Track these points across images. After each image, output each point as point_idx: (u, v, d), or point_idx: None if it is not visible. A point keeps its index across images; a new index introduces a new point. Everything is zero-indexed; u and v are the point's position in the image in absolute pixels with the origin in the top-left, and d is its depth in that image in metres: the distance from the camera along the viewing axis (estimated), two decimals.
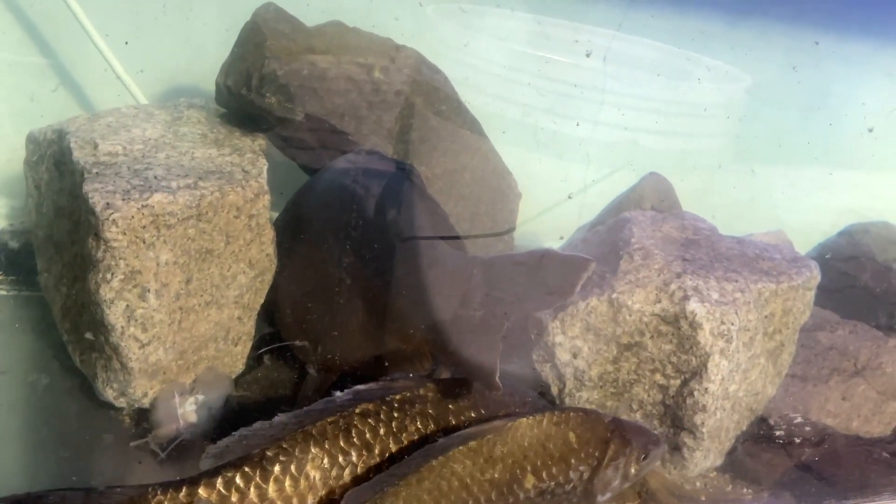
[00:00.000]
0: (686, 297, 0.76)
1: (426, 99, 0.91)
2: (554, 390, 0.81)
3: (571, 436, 0.71)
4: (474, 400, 0.74)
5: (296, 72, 0.88)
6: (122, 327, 0.77)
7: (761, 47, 1.11)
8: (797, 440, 0.86)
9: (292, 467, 0.67)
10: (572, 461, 0.71)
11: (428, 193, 0.79)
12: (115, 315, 0.77)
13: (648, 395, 0.80)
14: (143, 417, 0.83)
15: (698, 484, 0.82)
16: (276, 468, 0.67)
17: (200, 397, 0.83)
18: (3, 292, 0.99)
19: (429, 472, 0.66)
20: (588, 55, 1.07)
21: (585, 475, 0.71)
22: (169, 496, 0.64)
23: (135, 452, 0.78)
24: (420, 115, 0.91)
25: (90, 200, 0.74)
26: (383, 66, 0.90)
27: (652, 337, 0.77)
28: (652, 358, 0.78)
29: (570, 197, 0.97)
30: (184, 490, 0.64)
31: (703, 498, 0.81)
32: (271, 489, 0.66)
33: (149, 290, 0.77)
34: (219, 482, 0.65)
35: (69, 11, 1.03)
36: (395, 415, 0.71)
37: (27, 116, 1.06)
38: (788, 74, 1.10)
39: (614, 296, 0.77)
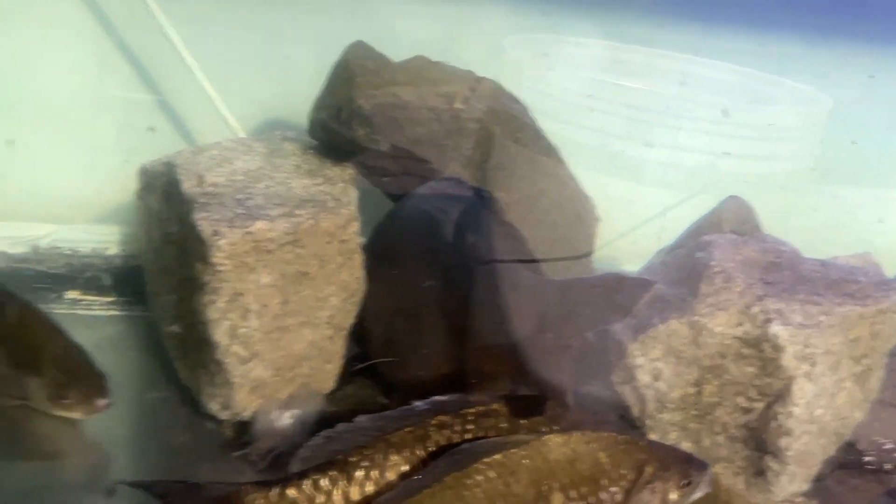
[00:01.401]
0: (768, 320, 0.76)
1: (505, 127, 0.95)
2: (635, 412, 0.82)
3: (602, 455, 0.71)
4: (548, 417, 0.77)
5: (381, 105, 0.94)
6: (227, 345, 0.83)
7: (842, 68, 1.10)
8: (887, 466, 0.84)
9: (374, 472, 0.72)
10: (603, 482, 0.71)
11: (506, 218, 0.82)
12: (220, 333, 0.83)
13: (731, 418, 0.80)
14: (243, 429, 0.88)
15: None
16: (359, 473, 0.72)
17: (296, 412, 0.88)
18: (115, 312, 1.07)
19: (453, 482, 0.68)
20: (666, 80, 1.09)
21: (618, 497, 0.72)
22: (261, 494, 0.69)
23: (236, 461, 0.84)
24: (498, 143, 0.95)
25: (198, 228, 0.81)
26: (464, 97, 0.94)
27: (734, 360, 0.78)
28: (734, 381, 0.78)
29: (650, 220, 0.98)
30: (274, 490, 0.70)
31: None
32: (354, 492, 0.71)
33: (250, 311, 0.84)
34: (306, 484, 0.71)
35: (175, 50, 1.12)
36: (470, 427, 0.75)
37: (136, 151, 1.16)
38: (870, 94, 1.08)
39: (695, 318, 0.78)
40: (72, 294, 1.06)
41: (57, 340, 0.84)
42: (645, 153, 1.04)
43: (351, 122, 0.94)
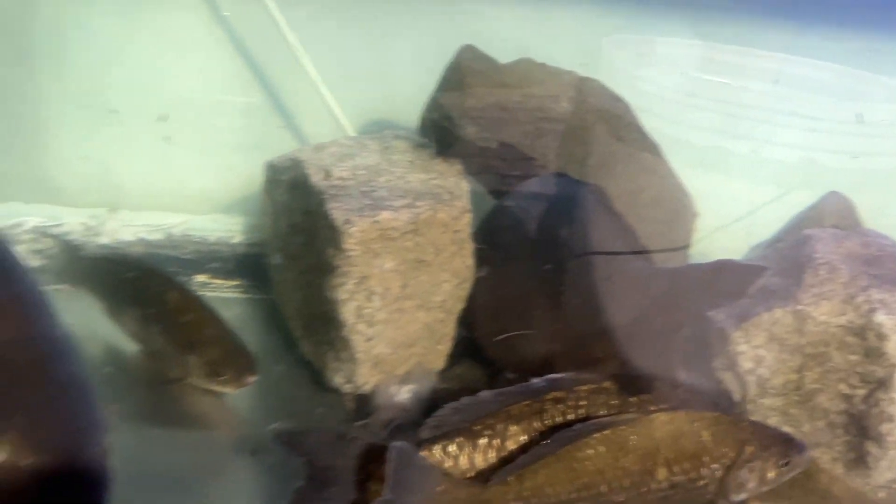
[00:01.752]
0: (872, 310, 0.79)
1: (608, 125, 1.00)
2: (736, 397, 0.86)
3: (705, 434, 0.76)
4: (656, 396, 0.82)
5: (490, 105, 1.00)
6: (353, 323, 0.91)
7: None
8: None
9: (495, 441, 0.79)
10: (705, 459, 0.76)
11: (615, 210, 0.87)
12: (347, 313, 0.91)
13: (832, 404, 0.83)
14: (362, 402, 0.97)
15: (881, 494, 0.84)
16: (483, 441, 0.79)
17: (411, 387, 0.96)
18: (239, 295, 1.17)
19: (566, 455, 0.75)
20: (761, 78, 1.12)
21: (718, 474, 0.76)
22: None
23: (359, 429, 0.92)
24: (601, 141, 1.00)
25: (332, 216, 0.89)
26: (569, 97, 1.00)
27: (837, 348, 0.81)
28: (837, 368, 0.82)
29: (748, 215, 1.01)
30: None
31: None
32: (478, 458, 0.78)
33: (375, 293, 0.91)
34: (436, 448, 0.79)
35: (294, 56, 1.20)
36: (582, 403, 0.81)
37: (256, 148, 1.26)
38: None
39: (799, 308, 0.82)
40: (201, 278, 1.17)
41: (213, 323, 0.93)
42: (741, 150, 1.07)
43: (462, 122, 1.01)
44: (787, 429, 0.85)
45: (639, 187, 1.02)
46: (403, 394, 0.94)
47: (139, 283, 0.94)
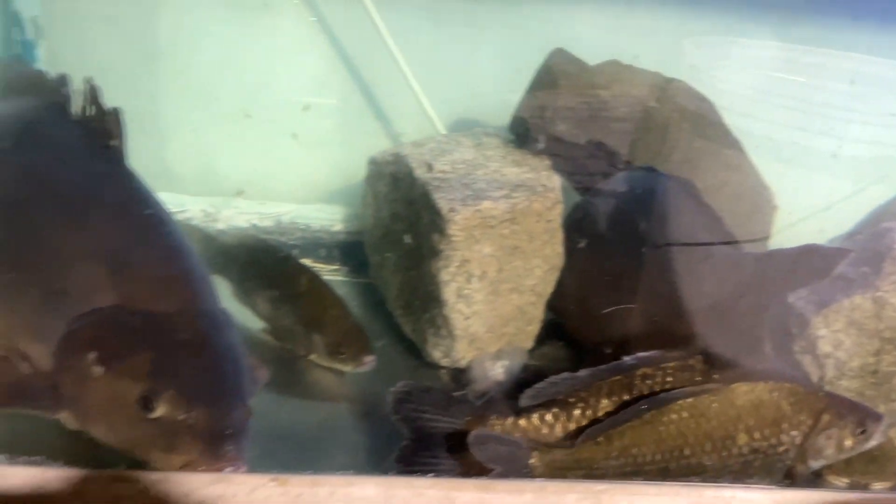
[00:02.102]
0: None
1: (692, 124, 1.06)
2: (814, 378, 0.92)
3: (784, 404, 0.82)
4: (741, 373, 0.88)
5: (580, 104, 1.08)
6: (453, 303, 1.00)
7: None
8: None
9: (588, 412, 0.86)
10: (783, 426, 0.82)
11: (703, 201, 0.94)
12: (449, 293, 1.00)
13: None
14: (458, 375, 1.05)
15: None
16: (577, 412, 0.86)
17: (505, 363, 1.04)
18: (340, 278, 1.27)
19: (651, 418, 0.82)
20: (837, 78, 1.16)
21: (797, 440, 0.82)
22: (499, 420, 0.86)
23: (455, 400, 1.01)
24: (686, 138, 1.06)
25: (437, 205, 0.98)
26: (655, 97, 1.07)
27: None
28: None
29: (826, 209, 1.06)
30: (510, 419, 0.86)
31: None
32: (571, 426, 0.86)
33: (473, 276, 1.00)
34: (534, 417, 0.86)
35: (392, 58, 1.30)
36: (669, 379, 0.88)
37: (354, 145, 1.36)
38: None
39: (878, 294, 0.87)
40: (305, 262, 1.27)
41: (337, 306, 1.02)
42: (820, 146, 1.12)
43: (553, 120, 1.08)
44: None
45: (721, 182, 1.08)
46: (496, 369, 1.02)
47: (273, 267, 1.05)
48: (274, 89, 1.35)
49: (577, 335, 1.07)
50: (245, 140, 1.32)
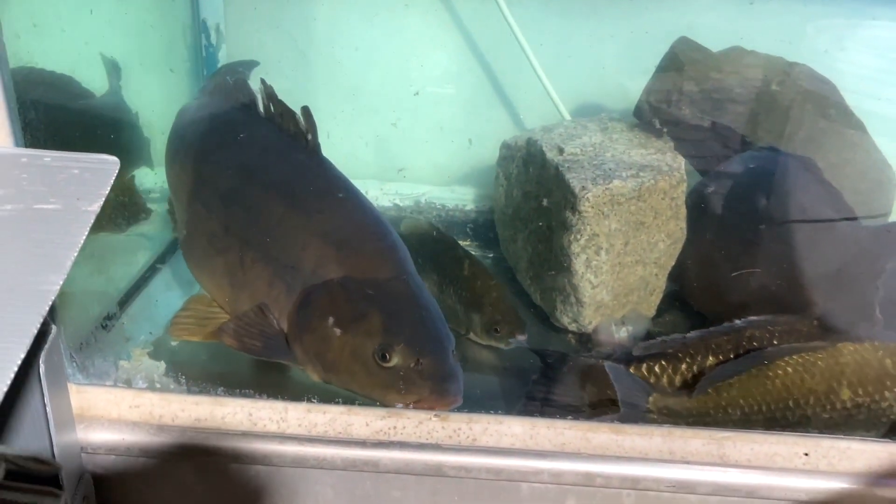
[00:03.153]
0: None
1: (815, 105, 1.11)
2: None
3: (888, 362, 0.87)
4: (847, 336, 0.93)
5: (707, 89, 1.15)
6: (582, 273, 1.10)
7: None
8: None
9: (694, 367, 0.95)
10: (887, 383, 0.87)
11: (823, 178, 0.99)
12: (579, 264, 1.10)
13: None
14: (583, 339, 1.16)
15: None
16: (683, 365, 0.95)
17: (629, 328, 1.13)
18: (473, 252, 1.40)
19: (758, 372, 0.88)
20: None
21: None
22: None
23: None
24: (809, 119, 1.11)
25: (570, 184, 1.09)
26: (779, 80, 1.12)
27: None
28: None
29: None
30: (620, 366, 0.95)
31: None
32: (677, 379, 0.95)
33: (601, 248, 1.10)
34: (644, 366, 0.96)
35: (520, 47, 1.40)
36: (775, 341, 0.94)
37: (484, 130, 1.48)
38: None
39: None
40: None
41: (494, 288, 1.12)
42: None
43: (680, 104, 1.16)
44: None
45: (844, 161, 1.12)
46: (620, 333, 1.12)
47: (440, 253, 1.17)
48: (410, 79, 1.49)
49: (697, 304, 1.14)
50: (385, 127, 1.47)
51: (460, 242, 1.41)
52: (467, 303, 1.12)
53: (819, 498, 0.82)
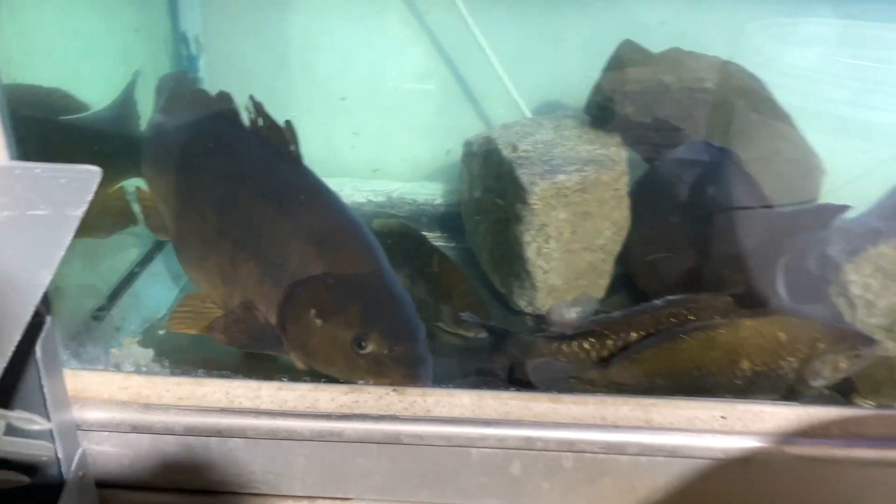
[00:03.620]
0: None
1: (746, 101, 1.20)
2: (846, 317, 1.06)
3: (781, 334, 0.97)
4: (757, 312, 1.03)
5: (647, 89, 1.24)
6: (534, 260, 1.20)
7: None
8: None
9: (619, 343, 1.05)
10: (781, 353, 0.96)
11: (744, 169, 1.09)
12: (530, 252, 1.20)
13: None
14: (540, 320, 1.26)
15: None
16: (609, 341, 1.05)
17: (577, 309, 1.23)
18: (441, 243, 1.49)
19: (668, 346, 0.98)
20: (885, 53, 1.26)
21: (794, 365, 0.96)
22: (548, 345, 1.06)
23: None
24: (741, 114, 1.20)
25: (520, 179, 1.18)
26: (712, 79, 1.21)
27: None
28: None
29: (866, 174, 1.17)
30: (555, 344, 1.06)
31: None
32: (604, 352, 1.05)
33: (551, 237, 1.20)
34: (574, 344, 1.06)
35: (481, 50, 1.49)
36: (692, 317, 1.04)
37: (448, 129, 1.58)
38: None
39: None
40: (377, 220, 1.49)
41: (461, 281, 1.22)
42: (864, 118, 1.22)
43: (623, 103, 1.25)
44: (890, 343, 1.03)
45: (775, 151, 1.21)
46: (572, 314, 1.22)
47: (411, 249, 1.27)
48: (382, 81, 1.58)
49: (642, 285, 1.25)
50: (360, 127, 1.56)
51: (431, 234, 1.52)
52: (437, 295, 1.22)
53: (734, 455, 0.91)
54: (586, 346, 1.04)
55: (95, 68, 1.26)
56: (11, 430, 0.72)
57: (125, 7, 1.36)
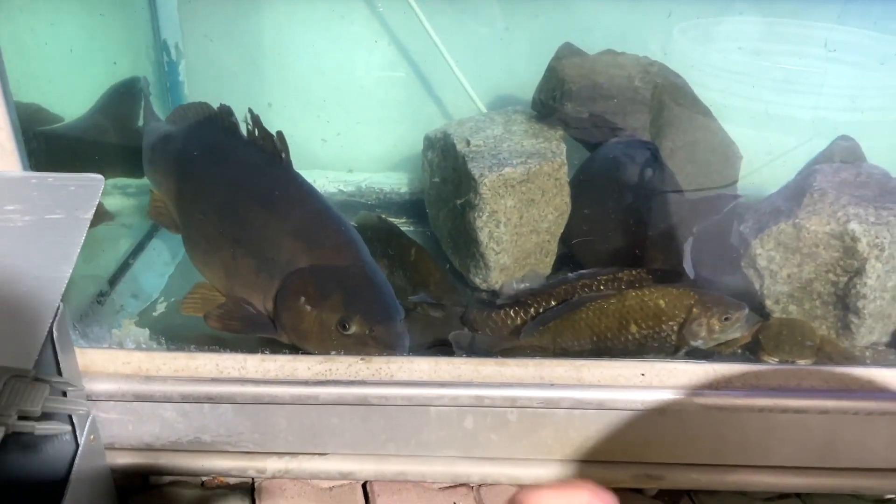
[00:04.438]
0: (848, 220, 1.11)
1: (671, 96, 1.35)
2: (756, 286, 1.21)
3: (661, 302, 1.12)
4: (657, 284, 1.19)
5: (583, 87, 1.38)
6: (486, 243, 1.34)
7: None
8: None
9: (540, 309, 1.20)
10: (663, 318, 1.12)
11: (662, 161, 1.25)
12: (483, 236, 1.34)
13: (824, 288, 1.16)
14: (494, 294, 1.40)
15: (867, 353, 1.17)
16: (532, 309, 1.21)
17: (527, 285, 1.38)
18: (406, 228, 1.63)
19: (568, 316, 1.13)
20: (796, 50, 1.41)
21: (675, 328, 1.12)
22: (480, 313, 1.23)
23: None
24: (667, 108, 1.35)
25: (472, 172, 1.32)
26: (641, 77, 1.36)
27: (825, 248, 1.14)
28: (826, 262, 1.14)
29: (778, 157, 1.33)
30: (487, 312, 1.23)
31: (868, 360, 1.15)
32: (528, 317, 1.20)
33: (501, 222, 1.34)
34: (504, 312, 1.22)
35: (437, 50, 1.62)
36: (602, 287, 1.21)
37: (413, 123, 1.71)
38: None
39: (797, 221, 1.14)
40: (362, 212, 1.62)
41: (435, 269, 1.34)
42: (773, 110, 1.38)
43: (562, 100, 1.40)
44: (792, 307, 1.19)
45: (696, 140, 1.36)
46: (521, 287, 1.37)
47: (390, 241, 1.39)
48: (350, 81, 1.71)
49: (582, 262, 1.40)
50: (330, 123, 1.69)
51: (397, 220, 1.66)
52: (415, 283, 1.34)
53: (652, 406, 1.06)
54: (512, 314, 1.19)
55: (80, 78, 1.38)
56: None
57: (109, 19, 1.47)
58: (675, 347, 1.13)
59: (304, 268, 1.10)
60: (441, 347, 1.20)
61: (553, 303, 1.19)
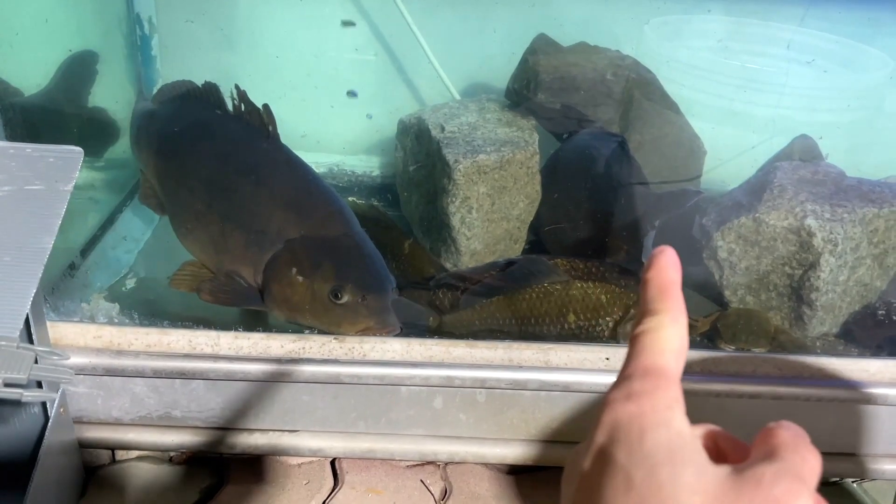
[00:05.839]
0: (805, 216, 1.17)
1: (641, 91, 1.39)
2: (715, 277, 1.27)
3: (603, 297, 1.16)
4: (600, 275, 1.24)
5: (556, 78, 1.41)
6: (458, 228, 1.37)
7: None
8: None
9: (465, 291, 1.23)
10: (601, 312, 1.15)
11: (630, 153, 1.29)
12: (455, 221, 1.37)
13: (780, 280, 1.22)
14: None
15: (818, 343, 1.23)
16: (458, 293, 1.23)
17: None
18: None
19: (510, 297, 1.16)
20: (762, 49, 1.47)
21: (610, 324, 1.16)
22: (427, 295, 1.25)
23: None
24: (636, 102, 1.39)
25: (446, 158, 1.34)
26: (612, 71, 1.39)
27: (782, 242, 1.19)
28: (782, 256, 1.20)
29: (741, 153, 1.39)
30: (428, 294, 1.25)
31: (819, 350, 1.22)
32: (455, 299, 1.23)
33: (473, 208, 1.36)
34: (441, 292, 1.24)
35: (417, 41, 1.64)
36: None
37: (388, 107, 1.72)
38: None
39: (756, 215, 1.20)
40: (351, 198, 1.65)
41: (430, 261, 1.36)
42: (738, 108, 1.43)
43: (536, 90, 1.43)
44: (749, 297, 1.25)
45: (663, 134, 1.41)
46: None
47: (384, 233, 1.38)
48: (324, 64, 1.71)
49: (550, 249, 1.44)
50: (305, 104, 1.70)
51: (371, 202, 1.67)
52: (404, 268, 1.36)
53: None
54: (449, 294, 1.23)
55: (50, 49, 1.35)
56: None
57: None
58: (607, 343, 1.18)
59: (294, 239, 1.11)
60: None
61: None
